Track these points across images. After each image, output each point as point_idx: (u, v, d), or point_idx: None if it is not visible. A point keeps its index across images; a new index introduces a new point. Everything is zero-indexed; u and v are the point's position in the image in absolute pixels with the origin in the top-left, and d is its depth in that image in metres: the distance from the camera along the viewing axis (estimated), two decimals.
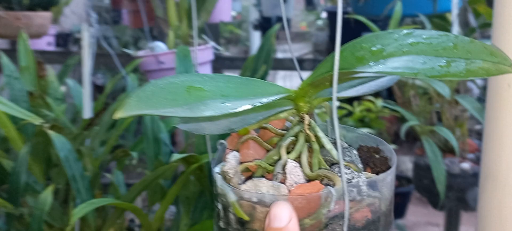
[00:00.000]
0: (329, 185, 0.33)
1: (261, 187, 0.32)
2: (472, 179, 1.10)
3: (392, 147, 0.38)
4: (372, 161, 0.38)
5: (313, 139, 0.35)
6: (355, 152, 0.37)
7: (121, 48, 2.24)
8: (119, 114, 0.29)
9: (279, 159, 0.35)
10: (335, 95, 0.31)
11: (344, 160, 0.35)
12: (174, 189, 0.71)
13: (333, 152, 0.35)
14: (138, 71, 1.55)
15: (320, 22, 4.79)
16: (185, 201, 0.89)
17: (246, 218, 0.32)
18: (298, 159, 0.35)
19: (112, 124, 1.06)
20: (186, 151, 0.85)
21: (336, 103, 0.32)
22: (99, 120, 0.80)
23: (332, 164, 0.35)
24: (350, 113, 2.54)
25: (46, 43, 2.63)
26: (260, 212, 0.32)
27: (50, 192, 0.74)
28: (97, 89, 2.33)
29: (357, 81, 0.37)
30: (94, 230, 0.83)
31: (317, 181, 0.32)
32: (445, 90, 1.05)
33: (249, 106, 0.30)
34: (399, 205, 2.10)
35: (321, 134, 0.36)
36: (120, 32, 2.65)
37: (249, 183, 0.33)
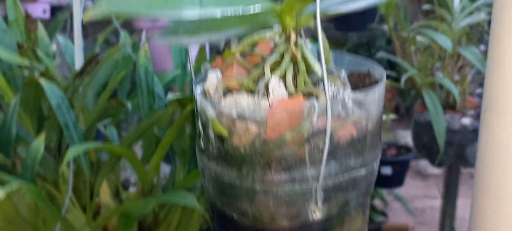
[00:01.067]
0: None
1: (242, 101, 0.31)
2: (472, 135, 1.08)
3: (381, 71, 0.36)
4: (362, 84, 0.36)
5: (299, 58, 0.34)
6: (343, 73, 0.35)
7: None
8: (89, 15, 0.27)
9: (263, 77, 0.33)
10: (318, 4, 0.29)
11: (331, 76, 0.33)
12: (170, 133, 0.69)
13: (319, 69, 0.33)
14: (133, 31, 1.52)
15: None
16: (181, 153, 0.88)
17: (225, 133, 0.31)
18: (283, 78, 0.34)
19: (105, 81, 1.04)
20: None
21: (319, 14, 0.30)
22: (90, 68, 0.78)
23: (318, 82, 0.33)
24: None
25: (41, 11, 2.60)
26: (239, 127, 0.30)
27: (42, 141, 0.73)
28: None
29: None
30: (88, 182, 0.83)
31: (301, 96, 0.31)
32: (447, 43, 1.02)
33: (227, 12, 0.29)
34: (398, 174, 2.10)
35: (307, 53, 0.34)
36: None
37: (229, 98, 0.31)
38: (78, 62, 0.91)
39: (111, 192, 0.98)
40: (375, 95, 0.32)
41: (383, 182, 1.93)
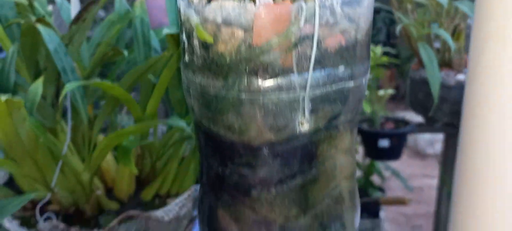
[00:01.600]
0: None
1: (227, 6, 0.30)
2: None
3: None
4: None
5: None
6: None
7: None
8: None
9: None
10: None
11: None
12: (166, 74, 0.69)
13: None
14: None
15: None
16: (177, 104, 0.88)
17: (210, 40, 0.31)
18: None
19: (99, 44, 1.04)
20: None
21: None
22: (87, 13, 0.78)
23: None
24: None
25: None
26: (225, 33, 0.31)
27: (40, 84, 0.74)
28: None
29: None
30: (86, 132, 0.83)
31: (287, 0, 0.31)
32: None
33: None
34: (396, 146, 2.11)
35: None
36: None
37: (214, 3, 0.31)
38: (75, 10, 0.91)
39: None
40: (365, 4, 0.32)
41: (380, 154, 1.95)
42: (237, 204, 0.36)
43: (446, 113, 1.15)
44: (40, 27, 0.74)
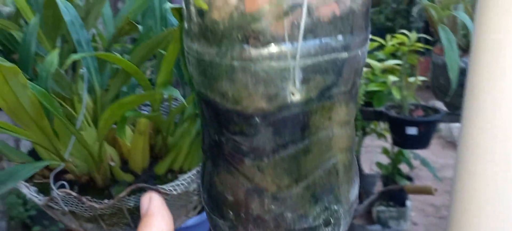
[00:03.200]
0: None
1: None
2: None
3: None
4: None
5: None
6: None
7: None
8: None
9: None
10: None
11: None
12: (173, 46, 0.70)
13: None
14: None
15: None
16: (190, 81, 0.89)
17: (204, 6, 0.31)
18: None
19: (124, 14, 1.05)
20: None
21: None
22: None
23: None
24: (381, 47, 2.46)
25: None
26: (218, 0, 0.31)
27: (56, 54, 0.76)
28: None
29: None
30: (100, 101, 0.85)
31: None
32: None
33: None
34: (423, 134, 2.07)
35: None
36: None
37: None
38: None
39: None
40: None
41: (408, 142, 1.91)
42: (232, 172, 0.37)
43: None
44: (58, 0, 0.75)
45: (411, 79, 1.78)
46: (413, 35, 2.48)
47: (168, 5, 0.65)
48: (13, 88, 0.57)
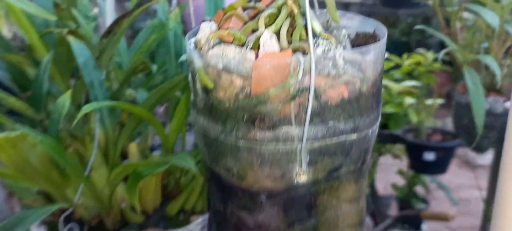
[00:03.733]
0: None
1: (228, 52, 0.29)
2: None
3: (384, 30, 0.33)
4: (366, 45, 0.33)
5: (296, 12, 0.32)
6: (344, 32, 0.33)
7: None
8: None
9: (257, 30, 0.31)
10: None
11: (331, 34, 0.31)
12: (188, 95, 0.69)
13: (316, 26, 0.31)
14: None
15: None
16: None
17: (210, 84, 0.29)
18: (278, 33, 0.32)
19: (138, 46, 1.05)
20: None
21: None
22: (117, 27, 0.78)
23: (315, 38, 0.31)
24: (397, 66, 2.41)
25: None
26: (224, 79, 0.29)
27: (68, 96, 0.75)
28: None
29: None
30: (112, 141, 0.84)
31: (289, 50, 0.29)
32: (494, 20, 0.95)
33: None
34: (441, 160, 2.01)
35: (307, 8, 0.32)
36: None
37: (216, 48, 0.30)
38: (109, 19, 0.92)
39: (140, 156, 0.99)
40: (371, 55, 0.29)
41: (425, 168, 1.86)
42: None
43: (493, 142, 1.08)
44: (71, 39, 0.75)
45: (429, 101, 1.72)
46: (430, 55, 2.43)
47: (183, 57, 0.64)
48: (21, 151, 0.56)
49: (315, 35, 0.31)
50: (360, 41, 0.34)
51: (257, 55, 0.30)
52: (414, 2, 2.11)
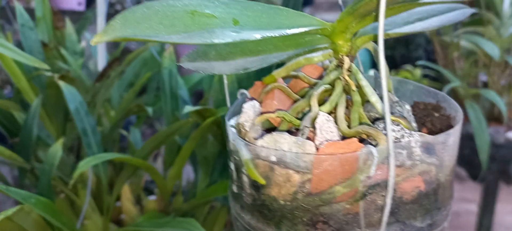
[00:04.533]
0: (370, 144, 0.25)
1: (282, 143, 0.25)
2: None
3: (456, 106, 0.30)
4: (430, 120, 0.30)
5: (353, 88, 0.28)
6: (408, 107, 0.29)
7: None
8: (97, 39, 0.22)
9: (309, 111, 0.28)
10: (382, 24, 0.23)
11: (393, 114, 0.27)
12: (189, 145, 0.65)
13: (379, 104, 0.27)
14: None
15: None
16: (203, 162, 0.83)
17: (261, 181, 0.25)
18: (333, 113, 0.28)
19: (131, 82, 1.00)
20: (205, 105, 0.78)
21: (382, 37, 0.24)
22: (111, 70, 0.74)
23: (377, 119, 0.28)
24: None
25: (76, 3, 2.58)
26: (279, 174, 0.25)
27: (60, 146, 0.69)
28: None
29: (416, 15, 0.29)
30: (106, 188, 0.79)
31: (355, 139, 0.25)
32: (494, 51, 0.94)
33: (269, 35, 0.23)
34: None
35: (364, 82, 0.28)
36: None
37: (267, 138, 0.25)
38: (101, 62, 0.87)
39: (133, 197, 0.94)
40: (450, 141, 0.26)
41: None
42: None
43: (494, 172, 1.06)
44: (62, 84, 0.70)
45: None
46: (417, 71, 2.44)
47: (187, 108, 0.60)
48: (17, 220, 0.51)
49: (377, 117, 0.28)
50: (421, 113, 0.30)
51: (313, 142, 0.26)
52: None
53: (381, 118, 0.27)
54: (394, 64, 2.52)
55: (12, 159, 0.75)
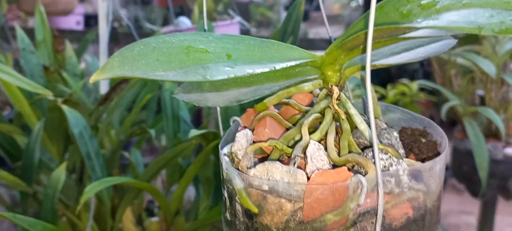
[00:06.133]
0: (359, 173, 0.26)
1: (274, 172, 0.26)
2: None
3: (442, 133, 0.31)
4: (417, 146, 0.31)
5: (342, 116, 0.29)
6: (395, 134, 0.30)
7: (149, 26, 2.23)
8: (96, 77, 0.23)
9: (300, 139, 0.29)
10: (369, 55, 0.24)
11: (381, 142, 0.28)
12: (193, 168, 0.66)
13: (367, 133, 0.28)
14: None
15: (354, 4, 4.62)
16: (206, 182, 0.84)
17: (254, 209, 0.26)
18: (323, 141, 0.29)
19: (132, 101, 1.02)
20: (206, 128, 0.79)
21: (369, 68, 0.25)
22: (115, 94, 0.75)
23: (366, 148, 0.29)
24: (383, 97, 2.43)
25: (75, 22, 2.61)
26: (271, 203, 0.26)
27: (63, 170, 0.70)
28: None
29: (402, 46, 0.30)
30: (109, 210, 0.79)
31: (345, 168, 0.26)
32: (491, 68, 0.95)
33: (261, 70, 0.24)
34: None
35: (353, 111, 0.29)
36: (148, 12, 2.66)
37: (260, 167, 0.26)
38: (103, 85, 0.89)
39: (135, 219, 0.95)
40: (437, 168, 0.27)
41: None
42: None
43: (493, 188, 1.06)
44: (65, 109, 0.71)
45: None
46: (414, 85, 2.45)
47: (193, 132, 0.61)
48: None
49: (366, 144, 0.29)
50: (408, 139, 0.31)
51: (304, 170, 0.27)
52: None
53: (370, 146, 0.28)
54: (390, 78, 2.53)
55: (15, 183, 0.76)
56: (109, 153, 0.87)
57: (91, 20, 2.85)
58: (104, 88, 0.94)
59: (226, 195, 0.28)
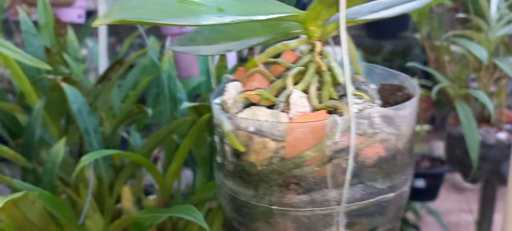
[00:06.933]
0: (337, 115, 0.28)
1: (259, 115, 0.28)
2: (508, 150, 1.03)
3: (415, 84, 0.33)
4: (393, 98, 0.33)
5: (324, 68, 0.31)
6: (373, 86, 0.32)
7: None
8: (99, 21, 0.25)
9: (285, 89, 0.31)
10: (343, 12, 0.27)
11: (358, 90, 0.30)
12: (187, 141, 0.68)
13: (342, 77, 0.30)
14: (161, 36, 1.52)
15: None
16: (202, 162, 0.86)
17: (241, 149, 0.28)
18: (306, 91, 0.31)
19: (133, 86, 1.04)
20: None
21: (344, 13, 0.27)
22: (113, 73, 0.77)
23: (344, 95, 0.31)
24: None
25: (76, 16, 2.64)
26: (256, 142, 0.28)
27: (62, 145, 0.73)
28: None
29: (381, 5, 0.32)
30: (107, 188, 0.82)
31: (324, 111, 0.28)
32: (482, 53, 0.97)
33: (247, 18, 0.26)
34: (432, 187, 2.01)
35: (334, 64, 0.31)
36: None
37: (247, 111, 0.29)
38: (102, 67, 0.91)
39: (134, 198, 0.97)
40: (407, 112, 0.29)
41: (416, 195, 1.87)
42: None
43: (486, 173, 1.09)
44: (65, 86, 0.73)
45: (416, 128, 1.75)
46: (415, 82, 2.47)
47: (185, 104, 0.63)
48: (22, 208, 0.54)
49: (345, 94, 0.31)
50: (386, 93, 0.33)
51: (287, 114, 0.29)
52: (397, 33, 2.16)
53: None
54: None
55: (15, 159, 0.78)
56: (109, 131, 0.89)
57: (93, 15, 2.87)
58: (102, 67, 0.96)
59: (216, 139, 0.31)
